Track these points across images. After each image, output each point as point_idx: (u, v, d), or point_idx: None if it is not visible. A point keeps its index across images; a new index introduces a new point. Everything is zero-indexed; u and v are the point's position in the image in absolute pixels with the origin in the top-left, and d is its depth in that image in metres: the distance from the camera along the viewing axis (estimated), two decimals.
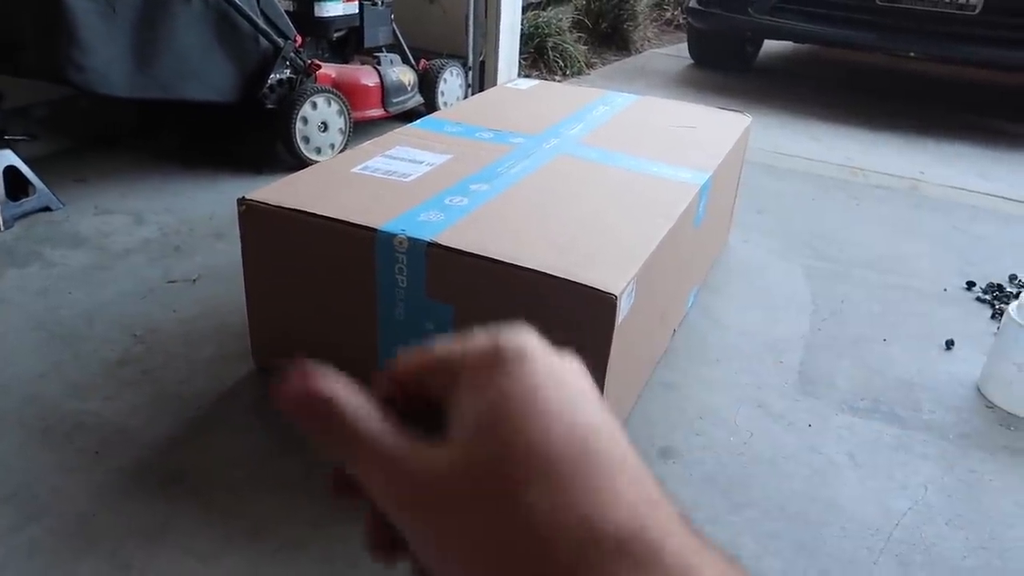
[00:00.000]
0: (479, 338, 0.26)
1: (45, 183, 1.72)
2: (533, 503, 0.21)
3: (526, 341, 0.25)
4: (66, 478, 1.00)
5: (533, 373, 0.24)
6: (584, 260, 1.00)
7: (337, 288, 1.11)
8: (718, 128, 1.60)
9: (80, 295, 1.41)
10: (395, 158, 1.29)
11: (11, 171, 1.65)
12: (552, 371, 0.25)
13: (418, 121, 1.51)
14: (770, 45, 3.99)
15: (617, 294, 0.93)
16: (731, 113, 1.71)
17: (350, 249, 1.07)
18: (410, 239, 1.02)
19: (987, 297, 1.65)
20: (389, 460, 0.24)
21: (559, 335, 1.02)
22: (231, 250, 1.17)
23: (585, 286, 0.94)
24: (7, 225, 1.62)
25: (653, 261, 1.06)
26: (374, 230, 1.04)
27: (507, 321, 0.29)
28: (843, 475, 1.11)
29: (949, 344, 1.45)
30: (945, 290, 1.67)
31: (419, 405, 0.27)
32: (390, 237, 1.03)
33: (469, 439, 0.23)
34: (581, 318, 0.96)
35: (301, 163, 1.91)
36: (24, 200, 1.69)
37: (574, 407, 0.24)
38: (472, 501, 0.22)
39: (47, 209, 1.72)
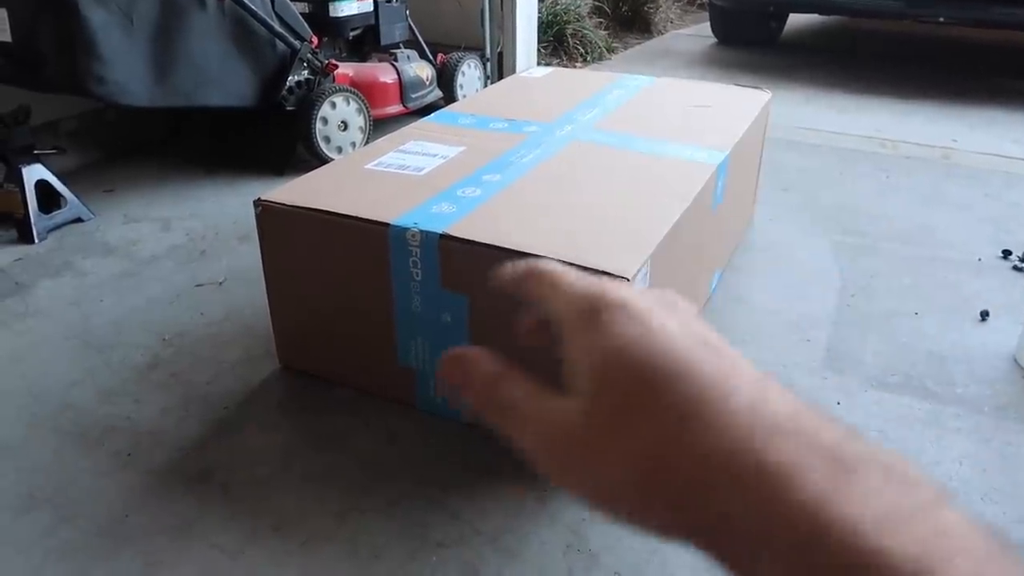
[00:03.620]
0: (575, 292, 0.29)
1: (76, 195, 1.76)
2: (661, 439, 0.24)
3: (622, 292, 0.28)
4: (99, 481, 1.03)
5: (633, 322, 0.26)
6: (596, 245, 0.99)
7: (354, 283, 1.12)
8: (736, 105, 1.58)
9: (111, 302, 1.45)
10: (408, 152, 1.29)
11: (42, 185, 1.70)
12: (650, 314, 0.26)
13: (432, 115, 1.51)
14: (795, 19, 3.92)
15: (629, 278, 0.93)
16: (749, 90, 1.69)
17: (365, 244, 1.07)
18: (423, 232, 1.02)
19: None
20: (534, 421, 0.27)
21: None
22: (255, 252, 1.19)
23: (596, 271, 0.94)
24: (40, 237, 1.67)
25: (668, 243, 1.05)
26: (387, 224, 1.04)
27: (521, 311, 0.32)
28: None
29: (984, 315, 1.42)
30: (979, 260, 1.63)
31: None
32: (403, 231, 1.03)
33: (592, 392, 0.25)
34: None
35: (323, 163, 1.91)
36: (56, 212, 1.73)
37: (673, 343, 0.25)
38: (608, 445, 0.24)
39: (78, 220, 1.76)
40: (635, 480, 0.24)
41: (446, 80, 2.40)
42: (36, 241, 1.66)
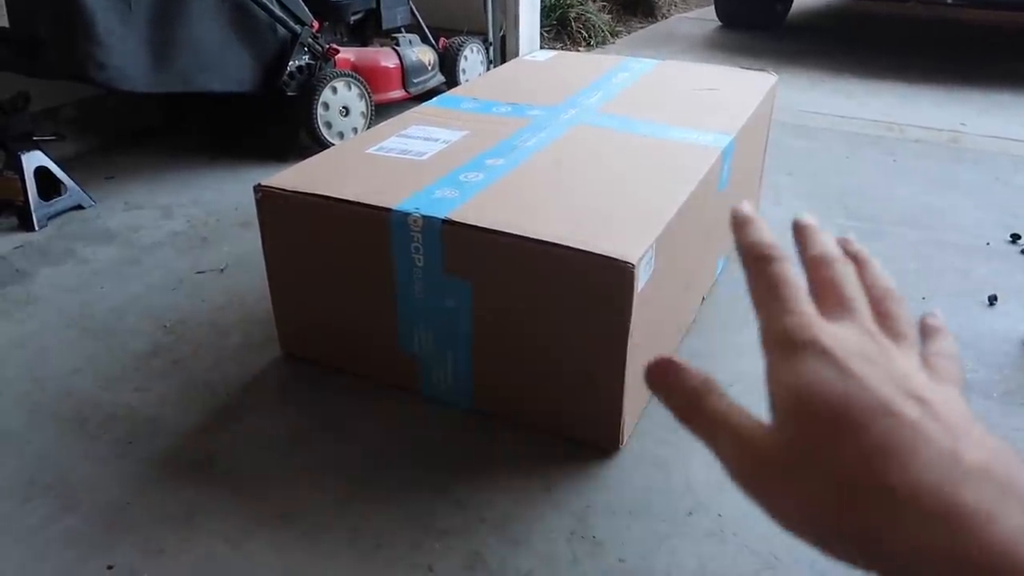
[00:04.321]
0: (782, 319, 0.29)
1: (76, 182, 1.75)
2: (855, 472, 0.25)
3: (826, 335, 0.28)
4: (100, 468, 1.02)
5: (830, 367, 0.27)
6: (600, 229, 0.98)
7: (356, 269, 1.11)
8: (741, 88, 1.56)
9: (112, 290, 1.44)
10: (410, 137, 1.28)
11: (42, 171, 1.69)
12: (848, 361, 0.27)
13: (434, 99, 1.50)
14: (801, 3, 3.88)
15: (635, 262, 0.91)
16: (755, 72, 1.67)
17: (366, 230, 1.06)
18: (424, 217, 1.01)
19: None
20: (734, 437, 0.29)
21: (578, 306, 1.01)
22: (257, 238, 1.18)
23: (601, 256, 0.92)
24: (40, 225, 1.66)
25: (673, 228, 1.04)
26: (388, 210, 1.03)
27: (525, 295, 0.33)
28: None
29: (992, 300, 1.40)
30: (988, 244, 1.61)
31: None
32: (405, 216, 1.02)
33: (789, 423, 0.27)
34: (599, 288, 0.95)
35: (324, 149, 1.91)
36: (56, 199, 1.72)
37: (870, 390, 0.26)
38: (803, 474, 0.26)
39: (79, 207, 1.75)
40: (826, 509, 0.25)
41: (448, 65, 2.38)
42: (36, 228, 1.65)
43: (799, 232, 0.34)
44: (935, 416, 0.25)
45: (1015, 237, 1.62)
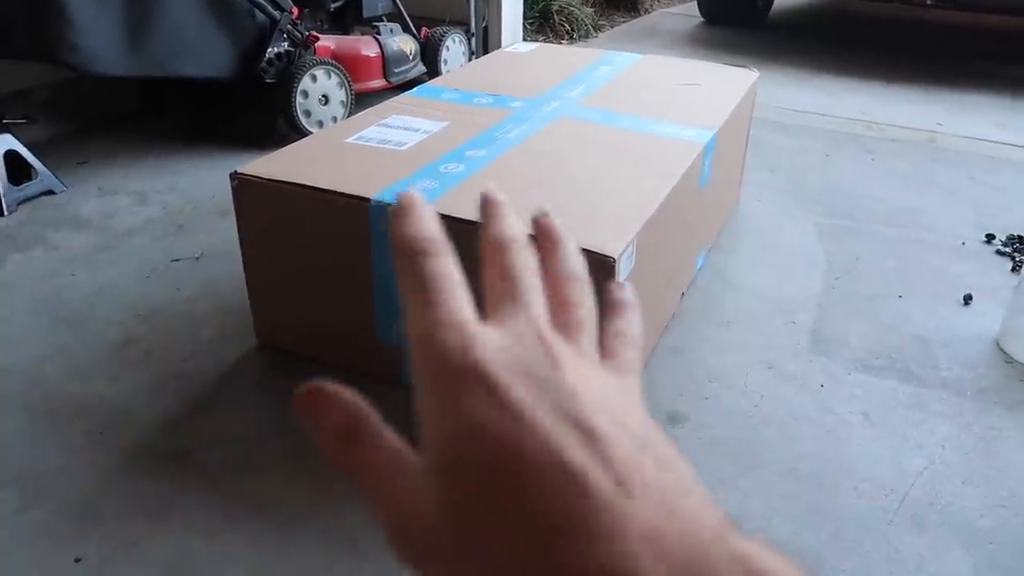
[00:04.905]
0: (433, 337, 0.23)
1: (47, 166, 1.71)
2: (526, 553, 0.20)
3: (483, 355, 0.22)
4: (70, 459, 1.00)
5: (489, 400, 0.22)
6: (581, 223, 0.97)
7: (333, 259, 1.10)
8: (723, 85, 1.56)
9: (83, 277, 1.41)
10: (390, 127, 1.26)
11: (12, 155, 1.65)
12: (510, 391, 0.22)
13: (415, 89, 1.48)
14: (783, 0, 3.90)
15: (616, 257, 0.91)
16: (737, 69, 1.67)
17: (344, 220, 1.05)
18: None
19: (1007, 250, 1.60)
20: (388, 494, 0.23)
21: None
22: (234, 227, 1.16)
23: (582, 249, 0.92)
24: (10, 210, 1.62)
25: (654, 222, 1.03)
26: (367, 200, 1.02)
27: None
28: (857, 435, 1.09)
29: (967, 299, 1.41)
30: (963, 244, 1.63)
31: None
32: (383, 207, 1.01)
33: (446, 475, 0.22)
34: None
35: (303, 137, 1.89)
36: (26, 184, 1.68)
37: (536, 436, 0.21)
38: (466, 547, 0.21)
39: (50, 192, 1.71)
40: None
41: (430, 55, 2.36)
42: (5, 213, 1.61)
43: (482, 210, 0.28)
44: (604, 458, 0.21)
45: (990, 237, 1.64)
